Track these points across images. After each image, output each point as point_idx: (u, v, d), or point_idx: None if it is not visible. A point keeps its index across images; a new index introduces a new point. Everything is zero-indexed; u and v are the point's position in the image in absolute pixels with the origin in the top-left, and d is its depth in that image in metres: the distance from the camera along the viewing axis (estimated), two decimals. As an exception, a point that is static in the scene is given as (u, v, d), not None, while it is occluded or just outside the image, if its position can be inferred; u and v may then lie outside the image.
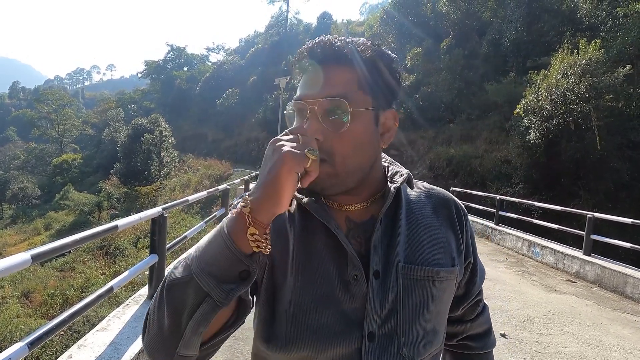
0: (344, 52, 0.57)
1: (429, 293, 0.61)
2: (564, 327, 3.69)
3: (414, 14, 24.01)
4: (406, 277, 0.59)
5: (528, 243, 6.72)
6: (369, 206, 0.63)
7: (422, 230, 0.64)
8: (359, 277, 0.57)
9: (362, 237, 0.61)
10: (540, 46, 17.31)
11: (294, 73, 0.63)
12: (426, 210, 0.66)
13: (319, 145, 0.54)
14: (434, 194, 0.70)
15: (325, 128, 0.55)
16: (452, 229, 0.67)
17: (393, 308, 0.58)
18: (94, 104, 71.98)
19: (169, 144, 28.24)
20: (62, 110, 49.13)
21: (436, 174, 17.15)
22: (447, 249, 0.65)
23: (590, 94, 11.16)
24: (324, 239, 0.60)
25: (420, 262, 0.61)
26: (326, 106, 0.55)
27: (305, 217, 0.62)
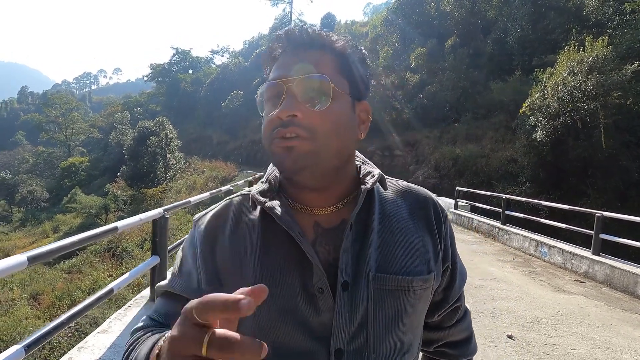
0: (323, 38, 0.57)
1: (403, 304, 0.57)
2: (573, 329, 3.61)
3: (417, 13, 23.90)
4: (377, 287, 0.55)
5: (535, 243, 6.62)
6: (340, 209, 0.58)
7: (396, 236, 0.59)
8: (325, 290, 0.53)
9: (331, 245, 0.57)
10: (546, 44, 17.13)
11: (265, 65, 0.60)
12: (401, 213, 0.62)
13: (297, 122, 0.51)
14: (410, 194, 0.65)
15: (304, 106, 0.52)
16: (430, 232, 0.62)
17: (363, 322, 0.54)
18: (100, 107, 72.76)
19: (175, 147, 28.40)
20: (70, 114, 49.75)
21: (442, 174, 17.04)
22: (423, 254, 0.60)
23: (598, 91, 11.00)
24: (287, 247, 0.55)
25: (393, 270, 0.57)
26: (306, 84, 0.53)
27: (268, 223, 0.57)
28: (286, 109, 0.52)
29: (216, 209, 0.63)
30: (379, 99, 23.21)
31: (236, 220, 0.60)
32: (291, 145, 0.52)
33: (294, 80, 0.53)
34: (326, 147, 0.53)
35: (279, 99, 0.53)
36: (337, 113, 0.55)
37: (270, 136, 0.54)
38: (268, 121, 0.54)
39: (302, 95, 0.53)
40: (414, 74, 21.69)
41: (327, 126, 0.53)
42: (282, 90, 0.53)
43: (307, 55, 0.55)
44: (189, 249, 0.61)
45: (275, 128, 0.53)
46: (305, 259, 0.54)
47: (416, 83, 21.15)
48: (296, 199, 0.59)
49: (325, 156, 0.53)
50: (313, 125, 0.52)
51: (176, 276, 0.61)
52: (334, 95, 0.54)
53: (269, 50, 0.59)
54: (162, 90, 53.55)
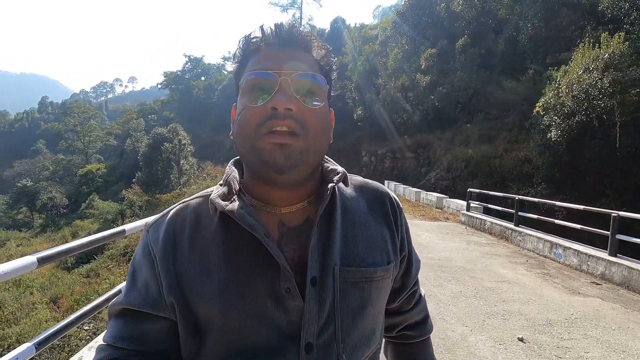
0: (310, 40, 0.57)
1: (366, 294, 0.59)
2: (587, 331, 3.52)
3: (427, 14, 23.77)
4: (342, 280, 0.56)
5: (550, 244, 6.47)
6: (305, 207, 0.59)
7: (358, 230, 0.61)
8: (292, 290, 0.53)
9: (296, 243, 0.57)
10: (559, 42, 16.80)
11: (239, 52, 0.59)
12: (361, 207, 0.64)
13: (293, 116, 0.51)
14: (367, 189, 0.67)
15: (298, 100, 0.52)
16: (387, 224, 0.65)
17: (331, 315, 0.55)
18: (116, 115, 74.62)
19: (188, 152, 28.89)
20: (88, 122, 51.19)
21: (454, 175, 16.85)
22: (383, 246, 0.63)
23: (615, 88, 10.72)
24: (252, 249, 0.54)
25: (357, 263, 0.58)
26: (303, 80, 0.53)
27: (230, 226, 0.56)
28: (284, 100, 0.51)
29: (170, 214, 0.60)
30: (389, 101, 23.14)
31: (196, 224, 0.58)
32: (285, 142, 0.51)
33: (290, 75, 0.52)
34: (315, 146, 0.54)
35: (267, 91, 0.52)
36: (325, 113, 0.56)
37: (258, 130, 0.52)
38: (253, 112, 0.52)
39: (297, 91, 0.52)
40: (424, 76, 21.55)
41: (318, 124, 0.54)
42: (276, 82, 0.52)
43: (297, 53, 0.55)
44: (142, 260, 0.58)
45: (264, 120, 0.51)
46: (272, 259, 0.53)
47: (427, 84, 21.00)
48: (261, 197, 0.58)
49: (313, 155, 0.54)
50: (306, 121, 0.52)
51: (132, 290, 0.58)
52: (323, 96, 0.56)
53: (249, 38, 0.58)
54: (176, 97, 54.65)
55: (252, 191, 0.59)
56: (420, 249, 6.50)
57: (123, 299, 0.58)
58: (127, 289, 0.59)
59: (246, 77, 0.54)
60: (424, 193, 13.97)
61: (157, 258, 0.56)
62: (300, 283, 0.54)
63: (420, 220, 10.19)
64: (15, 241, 25.14)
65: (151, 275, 0.57)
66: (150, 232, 0.59)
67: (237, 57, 0.59)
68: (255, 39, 0.57)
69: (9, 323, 10.81)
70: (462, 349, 3.07)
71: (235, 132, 0.57)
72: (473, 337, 3.28)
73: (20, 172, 50.70)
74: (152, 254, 0.57)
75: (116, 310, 0.59)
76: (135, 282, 0.58)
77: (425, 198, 13.60)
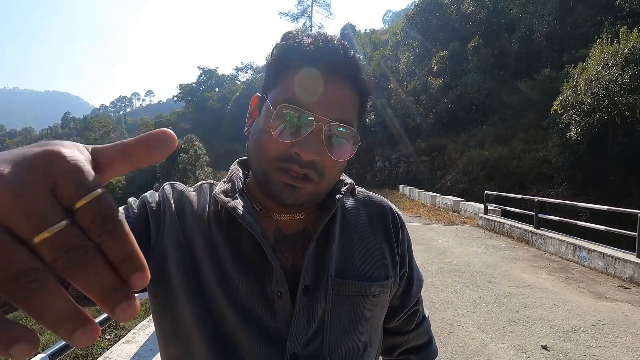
0: (359, 69, 0.53)
1: (359, 309, 0.57)
2: (616, 338, 3.35)
3: (438, 17, 23.65)
4: (336, 292, 0.55)
5: (573, 247, 6.23)
6: (305, 216, 0.58)
7: (355, 243, 0.60)
8: (283, 294, 0.52)
9: (289, 251, 0.56)
10: (576, 38, 16.41)
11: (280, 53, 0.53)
12: (361, 220, 0.63)
13: (314, 166, 0.50)
14: (370, 203, 0.66)
15: (326, 151, 0.51)
16: (387, 239, 0.63)
17: (320, 326, 0.54)
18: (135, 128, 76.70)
19: (204, 162, 29.36)
20: (108, 136, 52.98)
21: (470, 178, 16.53)
22: (381, 261, 0.61)
23: (636, 84, 10.36)
24: (247, 248, 0.54)
25: (351, 276, 0.57)
26: (337, 132, 0.51)
27: (229, 221, 0.56)
28: (313, 153, 0.49)
29: (189, 189, 0.61)
30: (401, 105, 23.01)
31: (202, 206, 0.58)
32: (298, 185, 0.51)
33: (327, 122, 0.50)
34: (327, 188, 0.55)
35: (299, 129, 0.50)
36: (344, 164, 0.55)
37: (274, 163, 0.51)
38: (275, 142, 0.51)
39: (328, 139, 0.51)
40: (436, 79, 21.36)
41: (336, 172, 0.54)
42: (310, 126, 0.49)
43: (341, 89, 0.52)
44: (150, 197, 0.57)
45: (284, 159, 0.50)
46: (265, 262, 0.53)
47: (439, 87, 20.80)
48: (261, 203, 0.58)
49: (322, 194, 0.55)
50: (325, 171, 0.52)
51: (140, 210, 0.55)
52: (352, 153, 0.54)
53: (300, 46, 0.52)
54: (191, 109, 55.82)
55: (254, 195, 0.59)
56: (436, 254, 6.37)
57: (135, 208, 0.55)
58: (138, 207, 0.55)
59: (281, 105, 0.50)
60: (440, 197, 13.74)
61: (165, 209, 0.55)
62: (292, 291, 0.53)
63: (436, 224, 10.01)
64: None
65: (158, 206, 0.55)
66: (166, 189, 0.59)
67: (278, 53, 0.53)
68: (302, 53, 0.51)
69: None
70: (482, 358, 2.96)
71: (250, 144, 0.56)
72: (493, 346, 3.16)
73: (45, 186, 52.70)
74: (163, 199, 0.56)
75: None
76: (130, 203, 0.56)
77: (441, 202, 13.37)
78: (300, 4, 49.63)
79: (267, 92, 0.54)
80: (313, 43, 0.52)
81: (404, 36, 26.13)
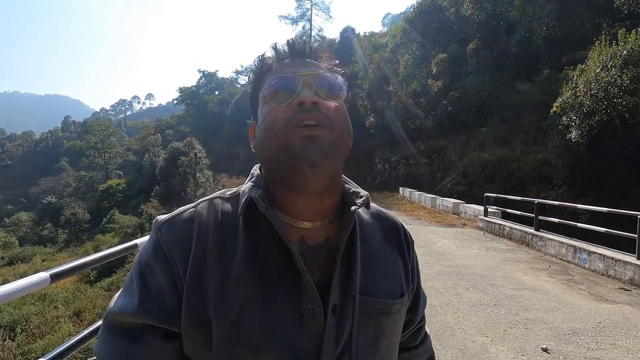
0: (321, 54, 0.61)
1: (383, 327, 0.57)
2: (617, 341, 3.34)
3: (437, 20, 23.71)
4: (362, 310, 0.54)
5: (573, 249, 6.23)
6: (326, 226, 0.57)
7: (374, 259, 0.59)
8: (316, 312, 0.51)
9: (315, 265, 0.54)
10: (575, 40, 16.44)
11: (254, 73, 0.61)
12: (377, 236, 0.62)
13: (318, 109, 0.52)
14: (383, 218, 0.66)
15: (322, 96, 0.53)
16: (402, 255, 0.64)
17: (347, 345, 0.53)
18: (135, 131, 76.80)
19: (204, 165, 29.40)
20: (108, 139, 52.91)
21: (470, 180, 16.52)
22: (398, 278, 0.61)
23: (636, 85, 10.38)
24: (278, 261, 0.52)
25: (374, 293, 0.56)
26: (324, 78, 0.55)
27: (254, 232, 0.53)
28: (310, 96, 0.52)
29: (190, 211, 0.55)
30: (401, 107, 23.03)
31: (220, 224, 0.54)
32: (315, 133, 0.50)
33: (310, 75, 0.54)
34: (342, 141, 0.54)
35: (289, 93, 0.53)
36: (345, 111, 0.57)
37: (287, 125, 0.51)
38: (280, 111, 0.52)
39: (320, 88, 0.54)
40: (436, 81, 21.39)
41: (342, 120, 0.54)
42: (299, 82, 0.53)
43: (310, 62, 0.58)
44: (155, 262, 0.51)
45: (292, 116, 0.51)
46: (296, 277, 0.51)
47: (439, 89, 20.83)
48: (284, 208, 0.55)
49: (341, 150, 0.54)
50: (332, 115, 0.53)
51: (146, 297, 0.50)
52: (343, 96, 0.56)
53: (263, 58, 0.60)
54: (191, 112, 55.88)
55: (275, 201, 0.56)
56: (436, 257, 6.36)
57: (135, 308, 0.49)
58: (139, 296, 0.50)
59: (269, 83, 0.55)
60: (440, 199, 13.74)
61: (176, 260, 0.50)
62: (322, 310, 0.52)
63: (436, 226, 10.01)
64: (41, 256, 25.94)
65: (168, 280, 0.50)
66: (163, 231, 0.53)
67: (252, 77, 0.61)
68: (269, 58, 0.60)
69: (34, 337, 11.11)
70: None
71: (259, 139, 0.56)
72: (494, 348, 3.16)
73: (45, 189, 52.63)
74: (169, 255, 0.51)
75: (120, 320, 0.50)
76: (147, 287, 0.50)
77: (441, 204, 13.37)
78: (300, 8, 49.88)
79: (256, 105, 0.60)
80: (273, 48, 0.60)
81: (404, 39, 26.19)
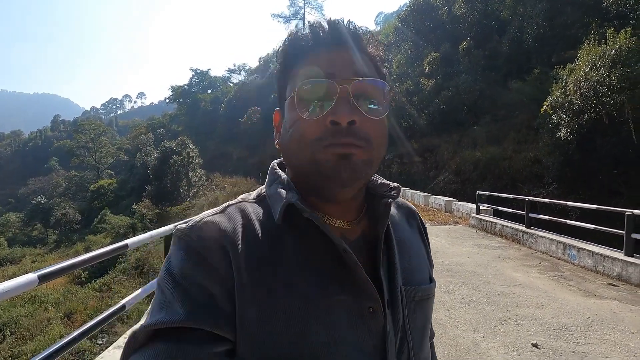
0: (365, 39, 0.52)
1: (427, 313, 0.57)
2: (605, 335, 3.40)
3: (429, 19, 23.85)
4: (409, 300, 0.53)
5: (563, 245, 6.32)
6: (359, 222, 0.55)
7: (407, 247, 0.58)
8: (376, 309, 0.48)
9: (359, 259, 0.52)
10: (565, 40, 16.67)
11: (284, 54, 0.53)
12: (402, 224, 0.62)
13: (355, 131, 0.46)
14: (402, 205, 0.65)
15: (360, 112, 0.47)
16: (423, 240, 0.64)
17: (404, 337, 0.52)
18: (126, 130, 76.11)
19: (196, 164, 29.24)
20: (98, 138, 52.30)
21: (463, 178, 16.67)
22: (425, 263, 0.61)
23: (624, 84, 10.55)
24: (327, 262, 0.48)
25: (415, 281, 0.56)
26: (365, 88, 0.48)
27: (295, 235, 0.49)
28: (346, 114, 0.46)
29: (218, 214, 0.50)
30: (394, 106, 23.12)
31: (255, 229, 0.49)
32: (349, 152, 0.46)
33: (350, 82, 0.47)
34: (378, 157, 0.50)
35: (321, 106, 0.47)
36: (386, 122, 0.51)
37: (319, 143, 0.47)
38: (309, 125, 0.47)
39: (358, 100, 0.47)
40: (428, 80, 21.52)
41: (379, 136, 0.49)
42: (335, 91, 0.46)
43: (354, 55, 0.50)
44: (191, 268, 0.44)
45: (325, 136, 0.47)
46: (348, 275, 0.48)
47: (431, 88, 20.96)
48: (318, 209, 0.52)
49: (375, 166, 0.50)
50: (368, 134, 0.47)
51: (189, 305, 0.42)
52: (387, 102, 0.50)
53: (297, 38, 0.52)
54: (183, 111, 55.49)
55: (306, 201, 0.51)
56: (429, 255, 6.40)
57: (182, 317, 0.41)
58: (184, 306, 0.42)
59: (300, 86, 0.48)
60: (433, 197, 13.84)
61: (217, 263, 0.45)
62: None
63: (429, 224, 10.07)
64: (31, 257, 25.59)
65: (214, 283, 0.44)
66: (193, 236, 0.47)
67: (282, 58, 0.53)
68: (304, 39, 0.51)
69: (24, 340, 10.95)
70: (473, 357, 2.99)
71: (286, 144, 0.51)
72: (485, 344, 3.19)
73: (35, 190, 51.90)
74: (208, 258, 0.45)
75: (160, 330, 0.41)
76: (190, 296, 0.43)
77: (434, 202, 13.47)
78: (293, 6, 49.82)
79: (283, 97, 0.53)
80: (308, 29, 0.52)
81: (396, 37, 26.29)
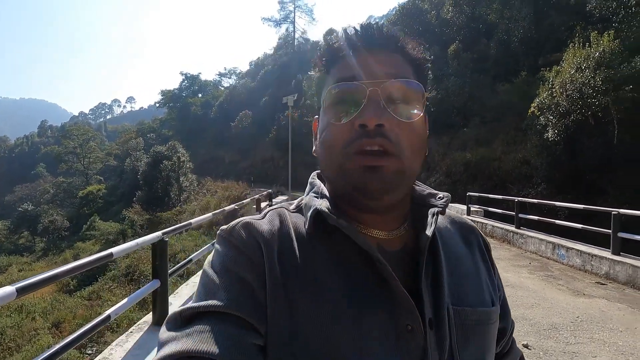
0: (400, 40, 0.49)
1: (484, 340, 0.50)
2: (594, 334, 3.43)
3: (418, 23, 24.12)
4: (459, 323, 0.48)
5: (552, 245, 6.40)
6: (401, 233, 0.51)
7: (460, 264, 0.53)
8: (415, 328, 0.44)
9: (399, 274, 0.47)
10: (550, 43, 16.98)
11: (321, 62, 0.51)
12: (456, 240, 0.56)
13: (385, 133, 0.44)
14: (457, 221, 0.59)
15: (391, 114, 0.44)
16: (483, 260, 0.57)
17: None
18: (116, 136, 75.23)
19: (187, 169, 28.99)
20: (87, 144, 51.58)
21: (454, 180, 16.81)
22: (486, 284, 0.54)
23: (608, 86, 10.78)
24: (362, 273, 0.45)
25: (470, 302, 0.50)
26: (396, 89, 0.45)
27: (331, 244, 0.47)
28: (375, 116, 0.44)
29: (259, 218, 0.50)
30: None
31: (293, 236, 0.48)
32: (379, 164, 0.44)
33: (380, 83, 0.45)
34: (411, 166, 0.46)
35: (354, 105, 0.45)
36: (421, 127, 0.49)
37: (346, 151, 0.45)
38: (338, 130, 0.46)
39: (389, 102, 0.45)
40: (418, 82, 21.72)
41: (413, 141, 0.46)
42: (364, 94, 0.45)
43: (386, 57, 0.48)
44: (233, 263, 0.44)
45: (352, 140, 0.45)
46: (384, 289, 0.44)
47: (421, 91, 21.16)
48: (354, 219, 0.50)
49: (409, 177, 0.47)
50: (400, 139, 0.45)
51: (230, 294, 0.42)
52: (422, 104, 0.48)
53: (331, 45, 0.50)
54: (174, 115, 55.09)
55: (342, 210, 0.50)
56: (421, 257, 6.43)
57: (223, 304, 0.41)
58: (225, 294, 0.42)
59: (329, 90, 0.47)
60: (424, 199, 13.91)
61: (256, 259, 0.44)
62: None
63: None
64: (17, 266, 24.99)
65: (255, 276, 0.43)
66: (234, 234, 0.47)
67: (318, 65, 0.52)
68: (337, 45, 0.49)
69: (10, 351, 10.67)
70: (465, 359, 2.99)
71: (319, 152, 0.51)
72: (477, 346, 3.20)
73: (21, 197, 50.84)
74: (250, 254, 0.45)
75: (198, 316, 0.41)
76: (231, 285, 0.43)
77: (425, 204, 13.54)
78: (283, 10, 49.85)
79: (319, 105, 0.52)
80: (344, 32, 0.50)
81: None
